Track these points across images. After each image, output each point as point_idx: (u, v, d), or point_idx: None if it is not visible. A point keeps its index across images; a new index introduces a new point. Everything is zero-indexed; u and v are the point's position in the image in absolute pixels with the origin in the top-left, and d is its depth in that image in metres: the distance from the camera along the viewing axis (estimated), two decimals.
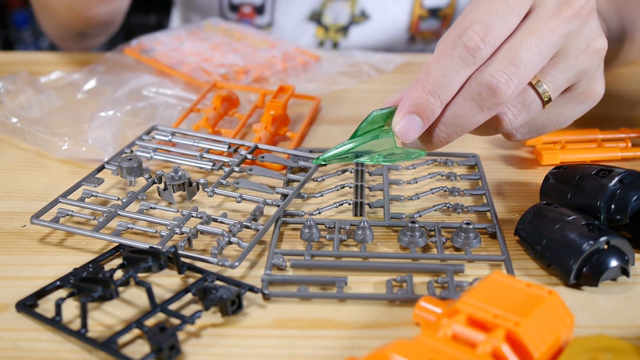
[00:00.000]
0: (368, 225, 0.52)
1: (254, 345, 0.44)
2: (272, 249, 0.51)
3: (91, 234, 0.52)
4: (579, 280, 0.48)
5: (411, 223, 0.52)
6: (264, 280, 0.48)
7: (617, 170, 0.52)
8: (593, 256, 0.47)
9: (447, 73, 0.47)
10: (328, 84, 0.79)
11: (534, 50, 0.47)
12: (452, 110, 0.48)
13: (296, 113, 0.72)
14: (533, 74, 0.47)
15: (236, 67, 0.79)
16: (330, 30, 0.98)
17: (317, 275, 0.49)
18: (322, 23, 0.97)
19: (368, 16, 0.97)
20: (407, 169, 0.62)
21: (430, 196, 0.58)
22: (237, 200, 0.55)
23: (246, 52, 0.83)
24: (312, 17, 0.97)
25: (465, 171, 0.63)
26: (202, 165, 0.60)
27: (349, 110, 0.74)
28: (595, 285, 0.47)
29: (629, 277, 0.48)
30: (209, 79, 0.77)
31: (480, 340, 0.39)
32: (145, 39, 0.86)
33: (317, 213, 0.55)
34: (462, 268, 0.49)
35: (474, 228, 0.52)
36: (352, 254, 0.51)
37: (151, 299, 0.45)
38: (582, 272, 0.47)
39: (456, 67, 0.46)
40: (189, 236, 0.51)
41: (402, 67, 0.84)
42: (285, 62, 0.81)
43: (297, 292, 0.47)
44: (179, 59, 0.81)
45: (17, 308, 0.46)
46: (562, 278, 0.48)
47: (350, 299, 0.47)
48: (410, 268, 0.50)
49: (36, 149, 0.65)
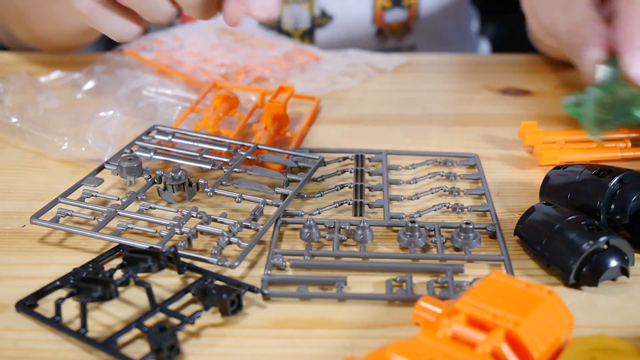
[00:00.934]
0: (368, 225, 0.52)
1: (254, 345, 0.44)
2: (272, 249, 0.51)
3: (91, 234, 0.52)
4: (579, 280, 0.48)
5: (411, 223, 0.52)
6: (263, 280, 0.48)
7: (616, 170, 0.52)
8: (593, 256, 0.47)
9: None
10: (328, 84, 0.79)
11: None
12: None
13: (296, 113, 0.72)
14: None
15: (236, 67, 0.79)
16: (294, 37, 0.95)
17: (316, 275, 0.49)
18: (283, 30, 0.95)
19: (330, 16, 0.95)
20: (407, 169, 0.62)
21: (430, 196, 0.58)
22: (237, 200, 0.55)
23: (246, 52, 0.83)
24: (265, 25, 0.94)
25: (465, 171, 0.63)
26: (201, 165, 0.60)
27: (349, 110, 0.74)
28: (595, 285, 0.47)
29: (629, 277, 0.48)
30: (209, 79, 0.77)
31: (480, 340, 0.39)
32: (145, 39, 0.86)
33: (316, 213, 0.55)
34: (461, 268, 0.49)
35: (473, 228, 0.52)
36: (351, 254, 0.51)
37: (151, 299, 0.45)
38: (581, 272, 0.47)
39: None
40: (188, 236, 0.51)
41: (402, 67, 0.84)
42: (285, 62, 0.81)
43: (296, 292, 0.47)
44: (179, 59, 0.81)
45: (16, 308, 0.46)
46: (562, 278, 0.48)
47: (350, 299, 0.47)
48: (410, 268, 0.50)
49: (36, 149, 0.65)
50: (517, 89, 0.78)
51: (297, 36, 0.96)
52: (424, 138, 0.68)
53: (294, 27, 0.95)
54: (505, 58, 0.89)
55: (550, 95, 0.77)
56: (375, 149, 0.64)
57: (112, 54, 0.83)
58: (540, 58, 0.86)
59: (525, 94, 0.77)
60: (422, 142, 0.67)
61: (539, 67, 0.84)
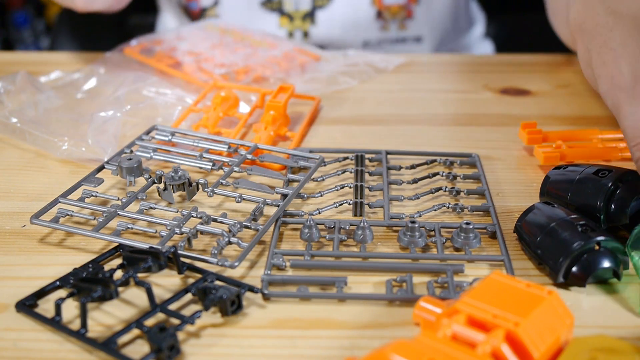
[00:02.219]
0: (368, 225, 0.52)
1: (254, 345, 0.44)
2: (272, 249, 0.51)
3: (91, 234, 0.52)
4: (567, 279, 0.48)
5: (411, 223, 0.52)
6: (263, 280, 0.48)
7: (616, 170, 0.52)
8: (583, 256, 0.47)
9: None
10: (328, 84, 0.79)
11: None
12: None
13: (296, 113, 0.72)
14: None
15: (236, 67, 0.79)
16: (295, 19, 0.95)
17: (317, 275, 0.49)
18: (285, 12, 0.95)
19: None
20: (407, 169, 0.62)
21: (430, 196, 0.58)
22: (237, 200, 0.55)
23: (246, 52, 0.82)
24: (268, 5, 0.95)
25: (465, 171, 0.63)
26: (202, 165, 0.60)
27: (349, 110, 0.74)
28: (583, 285, 0.47)
29: (620, 280, 0.48)
30: (208, 79, 0.77)
31: (480, 340, 0.39)
32: (145, 39, 0.86)
33: (317, 213, 0.55)
34: (462, 268, 0.49)
35: (473, 228, 0.52)
36: (352, 254, 0.51)
37: (151, 299, 0.45)
38: (570, 272, 0.47)
39: None
40: (188, 236, 0.51)
41: (402, 67, 0.84)
42: (285, 62, 0.81)
43: (297, 292, 0.47)
44: (179, 58, 0.81)
45: (16, 308, 0.46)
46: (552, 277, 0.48)
47: (350, 299, 0.47)
48: (410, 268, 0.50)
49: (36, 149, 0.65)
50: (517, 89, 0.78)
51: (298, 18, 0.95)
52: (424, 138, 0.68)
53: (295, 9, 0.95)
54: (505, 58, 0.89)
55: (550, 95, 0.77)
56: (375, 149, 0.64)
57: (112, 53, 0.83)
58: (540, 58, 0.86)
59: (525, 94, 0.77)
60: (422, 142, 0.67)
61: (539, 67, 0.84)
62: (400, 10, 0.97)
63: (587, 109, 0.73)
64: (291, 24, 0.96)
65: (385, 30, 0.98)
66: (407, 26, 0.99)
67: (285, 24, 0.96)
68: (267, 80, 0.78)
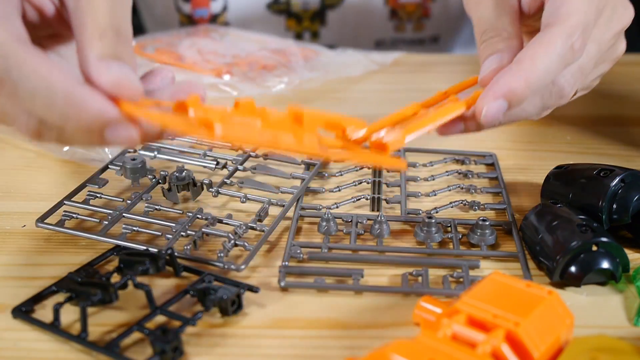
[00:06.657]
0: (385, 219, 0.52)
1: (254, 345, 0.44)
2: (290, 241, 0.51)
3: (97, 237, 0.51)
4: (563, 278, 0.47)
5: (428, 218, 0.52)
6: (281, 272, 0.48)
7: (618, 170, 0.52)
8: (580, 255, 0.47)
9: (550, 71, 0.46)
10: (328, 82, 0.79)
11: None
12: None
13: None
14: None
15: (239, 59, 0.79)
16: (304, 20, 0.91)
17: (333, 267, 0.49)
18: (292, 13, 0.91)
19: None
20: (425, 166, 0.62)
21: (447, 193, 0.58)
22: (242, 200, 0.55)
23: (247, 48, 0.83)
24: (275, 7, 0.90)
25: (483, 170, 0.63)
26: (205, 164, 0.60)
27: (349, 110, 0.74)
28: (578, 285, 0.47)
29: (618, 282, 0.48)
30: (213, 67, 0.77)
31: (480, 340, 0.39)
32: (145, 38, 0.86)
33: (334, 207, 0.56)
34: (477, 264, 0.49)
35: (489, 225, 0.52)
36: (368, 247, 0.51)
37: (151, 301, 0.45)
38: (567, 271, 0.47)
39: (559, 66, 0.46)
40: (194, 239, 0.51)
41: (402, 66, 0.84)
42: (287, 54, 0.81)
43: (313, 283, 0.47)
44: (180, 53, 0.80)
45: (13, 314, 0.45)
46: (548, 275, 0.48)
47: (366, 291, 0.47)
48: (425, 263, 0.50)
49: (37, 149, 0.65)
50: None
51: (306, 18, 0.92)
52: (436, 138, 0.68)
53: (303, 9, 0.91)
54: None
55: None
56: None
57: None
58: None
59: None
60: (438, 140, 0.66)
61: None
62: (417, 9, 0.93)
63: (594, 109, 0.73)
64: (299, 26, 0.93)
65: (400, 32, 0.94)
66: (424, 26, 0.94)
67: (293, 26, 0.93)
68: (272, 70, 0.78)
